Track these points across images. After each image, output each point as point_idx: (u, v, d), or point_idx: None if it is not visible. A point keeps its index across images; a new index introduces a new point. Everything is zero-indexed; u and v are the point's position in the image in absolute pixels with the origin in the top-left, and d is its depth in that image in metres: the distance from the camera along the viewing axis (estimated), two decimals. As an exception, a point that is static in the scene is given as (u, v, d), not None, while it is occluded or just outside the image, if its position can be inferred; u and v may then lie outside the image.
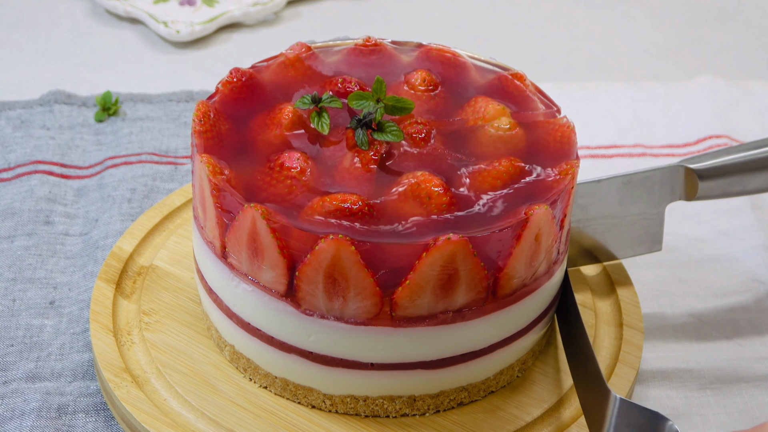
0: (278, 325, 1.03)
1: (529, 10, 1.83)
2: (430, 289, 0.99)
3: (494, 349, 1.06)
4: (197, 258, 1.11)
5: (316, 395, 1.06)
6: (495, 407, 1.07)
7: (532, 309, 1.07)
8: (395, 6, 1.83)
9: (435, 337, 1.02)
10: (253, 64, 1.15)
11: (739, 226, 1.37)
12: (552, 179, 1.05)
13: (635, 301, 1.18)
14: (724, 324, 1.25)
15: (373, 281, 0.98)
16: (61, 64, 1.63)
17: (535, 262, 1.03)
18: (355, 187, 1.03)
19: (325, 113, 1.08)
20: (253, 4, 1.73)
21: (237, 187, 1.01)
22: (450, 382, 1.06)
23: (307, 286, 0.99)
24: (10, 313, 1.20)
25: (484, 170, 1.05)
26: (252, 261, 1.01)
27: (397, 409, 1.06)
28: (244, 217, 0.99)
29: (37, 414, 1.09)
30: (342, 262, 0.97)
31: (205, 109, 1.07)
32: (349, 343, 1.02)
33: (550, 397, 1.08)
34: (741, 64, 1.72)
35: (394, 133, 1.06)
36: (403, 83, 1.15)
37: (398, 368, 1.03)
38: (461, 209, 1.02)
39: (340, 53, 1.18)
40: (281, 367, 1.06)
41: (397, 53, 1.19)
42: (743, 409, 1.15)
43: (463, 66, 1.18)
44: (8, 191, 1.35)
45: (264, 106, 1.11)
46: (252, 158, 1.05)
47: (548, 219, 1.01)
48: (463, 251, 0.97)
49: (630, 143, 1.50)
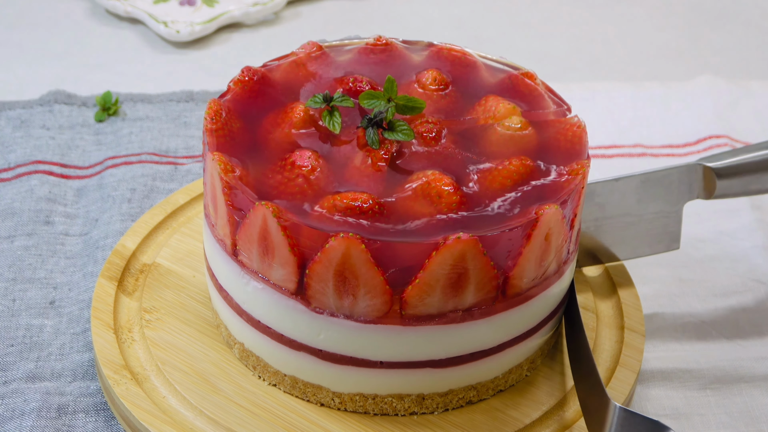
0: (288, 323, 1.03)
1: (530, 10, 1.83)
2: (440, 288, 0.99)
3: (503, 348, 1.06)
4: (208, 256, 1.11)
5: (326, 393, 1.06)
6: (504, 405, 1.08)
7: (541, 309, 1.07)
8: (395, 6, 1.83)
9: (444, 336, 1.02)
10: (265, 63, 1.15)
11: (739, 226, 1.37)
12: (563, 179, 1.05)
13: (636, 303, 1.18)
14: (724, 324, 1.25)
15: (383, 280, 0.98)
16: (61, 64, 1.63)
17: (545, 262, 1.03)
18: (365, 186, 1.03)
19: (336, 112, 1.08)
20: (253, 4, 1.73)
21: (248, 185, 1.02)
22: (459, 381, 1.06)
23: (317, 284, 0.99)
24: (10, 313, 1.20)
25: (495, 169, 1.05)
26: (263, 259, 1.01)
27: (406, 407, 1.06)
28: (255, 215, 0.99)
29: (37, 414, 1.09)
30: (352, 260, 0.97)
31: (217, 108, 1.08)
32: (358, 341, 1.02)
33: (549, 399, 1.08)
34: (741, 64, 1.72)
35: (404, 133, 1.06)
36: (414, 82, 1.15)
37: (407, 367, 1.03)
38: (471, 208, 1.02)
39: (350, 52, 1.18)
40: (291, 365, 1.06)
41: (408, 52, 1.19)
42: (743, 409, 1.15)
43: (473, 65, 1.18)
44: (8, 191, 1.35)
45: (275, 104, 1.11)
46: (263, 157, 1.05)
47: (558, 219, 1.01)
48: (473, 250, 0.97)
49: (630, 143, 1.50)
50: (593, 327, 1.16)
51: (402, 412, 1.06)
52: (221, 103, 1.09)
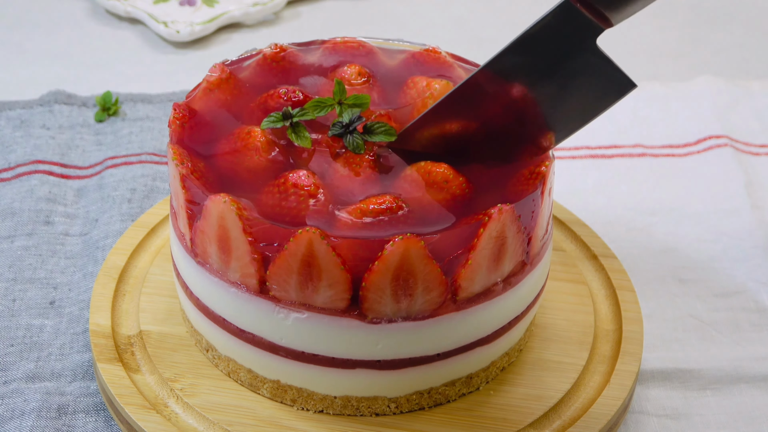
0: (342, 344, 1.01)
1: (529, 10, 1.83)
2: (486, 264, 1.01)
3: (529, 309, 1.10)
4: (222, 308, 1.05)
5: (381, 402, 1.05)
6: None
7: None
8: (395, 6, 1.83)
9: (491, 311, 1.04)
10: (187, 95, 1.11)
11: (739, 226, 1.37)
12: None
13: (636, 303, 1.18)
14: (724, 324, 1.25)
15: (440, 270, 0.98)
16: (61, 64, 1.63)
17: (549, 219, 1.09)
18: (370, 190, 1.02)
19: (300, 127, 1.06)
20: (253, 4, 1.73)
21: (262, 218, 0.98)
22: (499, 352, 1.08)
23: (374, 294, 0.98)
24: (10, 313, 1.20)
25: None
26: (305, 286, 0.98)
27: (457, 391, 1.07)
28: (297, 243, 0.96)
29: (37, 414, 1.09)
30: (411, 260, 0.96)
31: (180, 153, 1.04)
32: (417, 338, 1.02)
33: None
34: (741, 64, 1.72)
35: (386, 133, 1.06)
36: (332, 82, 1.14)
37: (461, 351, 1.05)
38: (475, 185, 1.04)
39: (251, 67, 1.15)
40: (342, 385, 1.04)
41: (305, 54, 1.18)
42: (743, 409, 1.15)
43: (373, 52, 1.18)
44: (8, 191, 1.35)
45: (218, 134, 1.07)
46: (246, 189, 1.02)
47: (552, 172, 1.05)
48: (512, 218, 1.00)
49: (630, 143, 1.50)
50: (592, 326, 1.16)
51: (453, 397, 1.07)
52: (177, 148, 1.04)
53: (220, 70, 1.13)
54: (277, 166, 1.04)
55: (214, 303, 1.05)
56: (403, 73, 1.16)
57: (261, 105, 1.10)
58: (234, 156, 1.05)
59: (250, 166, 1.04)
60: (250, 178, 1.03)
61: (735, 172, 1.44)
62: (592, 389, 1.09)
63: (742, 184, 1.42)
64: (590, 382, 1.10)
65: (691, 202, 1.41)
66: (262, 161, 1.04)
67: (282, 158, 1.05)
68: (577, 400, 1.08)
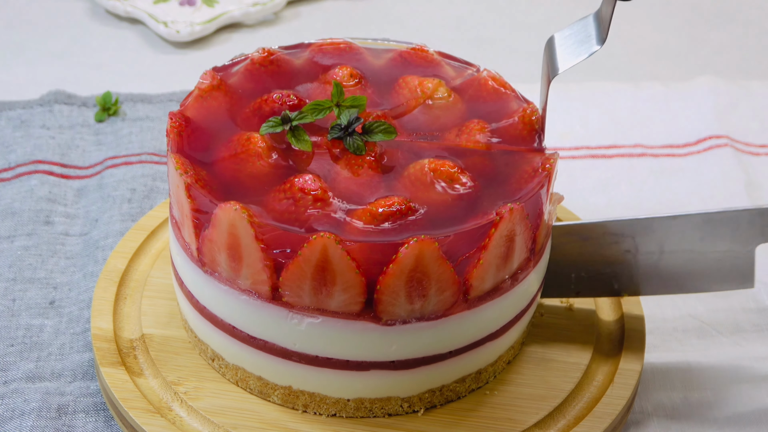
0: (356, 346, 1.01)
1: (529, 10, 1.83)
2: (496, 262, 1.01)
3: (534, 298, 1.11)
4: (231, 316, 1.04)
5: (394, 402, 1.05)
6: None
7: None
8: (395, 6, 1.83)
9: (499, 308, 1.05)
10: (180, 103, 1.11)
11: (739, 226, 1.37)
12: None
13: (637, 303, 1.18)
14: (724, 324, 1.25)
15: (453, 271, 0.98)
16: (61, 64, 1.63)
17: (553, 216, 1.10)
18: (375, 192, 1.02)
19: (299, 130, 1.05)
20: (253, 4, 1.73)
21: (276, 225, 0.98)
22: (506, 346, 1.09)
23: (388, 296, 0.98)
24: (10, 313, 1.20)
25: (465, 141, 1.08)
26: (318, 291, 0.98)
27: (467, 387, 1.08)
28: (311, 249, 0.96)
29: (37, 414, 1.09)
30: (425, 261, 0.96)
31: (183, 162, 1.03)
32: (430, 338, 1.02)
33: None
34: (741, 64, 1.72)
35: (385, 131, 1.05)
36: (326, 84, 1.14)
37: (471, 348, 1.05)
38: (479, 181, 1.04)
39: (239, 73, 1.15)
40: (355, 386, 1.03)
41: (293, 58, 1.17)
42: (743, 410, 1.15)
43: (360, 52, 1.18)
44: (8, 191, 1.35)
45: (216, 141, 1.07)
46: (250, 195, 1.01)
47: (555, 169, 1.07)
48: (520, 217, 1.00)
49: (630, 143, 1.50)
50: (595, 325, 1.16)
51: (463, 393, 1.08)
52: (180, 158, 1.03)
53: (210, 77, 1.12)
54: (279, 171, 1.04)
55: (223, 311, 1.04)
56: (393, 72, 1.16)
57: (256, 110, 1.10)
58: (235, 162, 1.04)
59: (253, 172, 1.04)
60: (253, 185, 1.02)
61: (735, 172, 1.44)
62: (596, 388, 1.10)
63: (742, 184, 1.42)
64: (594, 382, 1.10)
65: (691, 202, 1.41)
66: (264, 167, 1.04)
67: (284, 163, 1.05)
68: (582, 400, 1.09)
